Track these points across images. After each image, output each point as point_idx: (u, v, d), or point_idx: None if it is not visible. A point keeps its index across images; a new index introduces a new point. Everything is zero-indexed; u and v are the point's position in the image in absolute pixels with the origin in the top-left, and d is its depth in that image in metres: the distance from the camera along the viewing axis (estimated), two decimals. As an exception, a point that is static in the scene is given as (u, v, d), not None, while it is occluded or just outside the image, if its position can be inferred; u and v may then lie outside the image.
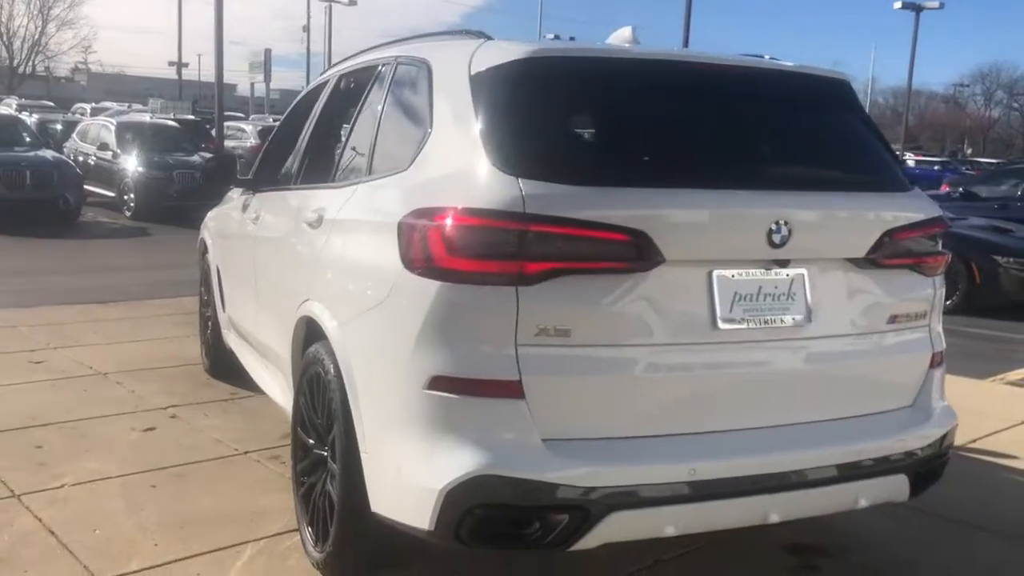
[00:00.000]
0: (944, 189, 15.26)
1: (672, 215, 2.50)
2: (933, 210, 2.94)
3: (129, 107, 30.42)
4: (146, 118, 19.73)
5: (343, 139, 3.65)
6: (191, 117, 22.56)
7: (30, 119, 20.60)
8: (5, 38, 62.01)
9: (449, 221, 2.41)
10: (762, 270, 2.61)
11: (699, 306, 2.54)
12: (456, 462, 2.35)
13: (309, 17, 49.52)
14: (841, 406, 2.79)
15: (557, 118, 2.66)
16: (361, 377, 2.69)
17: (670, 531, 2.48)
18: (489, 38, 2.89)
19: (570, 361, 2.41)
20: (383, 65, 3.43)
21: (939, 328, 3.03)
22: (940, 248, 2.98)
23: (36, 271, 9.85)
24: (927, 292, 2.94)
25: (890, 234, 2.78)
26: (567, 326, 2.39)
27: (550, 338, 2.38)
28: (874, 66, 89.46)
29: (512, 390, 2.36)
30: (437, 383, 2.40)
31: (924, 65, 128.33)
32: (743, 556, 3.34)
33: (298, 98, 4.78)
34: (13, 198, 13.20)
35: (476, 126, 2.55)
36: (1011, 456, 4.62)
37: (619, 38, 3.32)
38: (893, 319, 2.85)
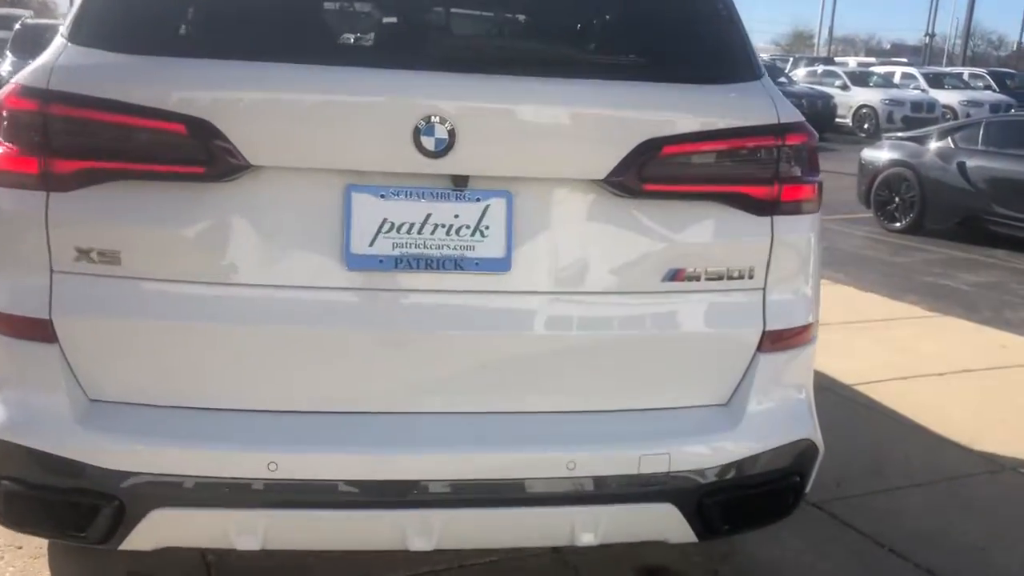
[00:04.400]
0: None
1: (255, 99, 1.77)
2: (766, 111, 1.93)
3: None
4: None
5: None
6: None
7: None
8: None
9: None
10: (432, 191, 1.81)
11: (319, 234, 1.80)
12: None
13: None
14: (573, 395, 1.92)
15: None
16: None
17: (249, 543, 1.80)
18: None
19: (119, 298, 1.79)
20: None
21: (790, 295, 2.03)
22: (793, 172, 1.97)
23: None
24: (751, 239, 1.96)
25: (657, 146, 1.84)
26: (116, 248, 1.77)
27: (94, 265, 1.77)
28: None
29: (42, 332, 1.79)
30: None
31: None
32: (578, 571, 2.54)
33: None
34: None
35: None
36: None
37: None
38: (675, 275, 1.91)
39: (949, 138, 9.03)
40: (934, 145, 8.99)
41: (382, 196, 1.81)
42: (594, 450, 1.87)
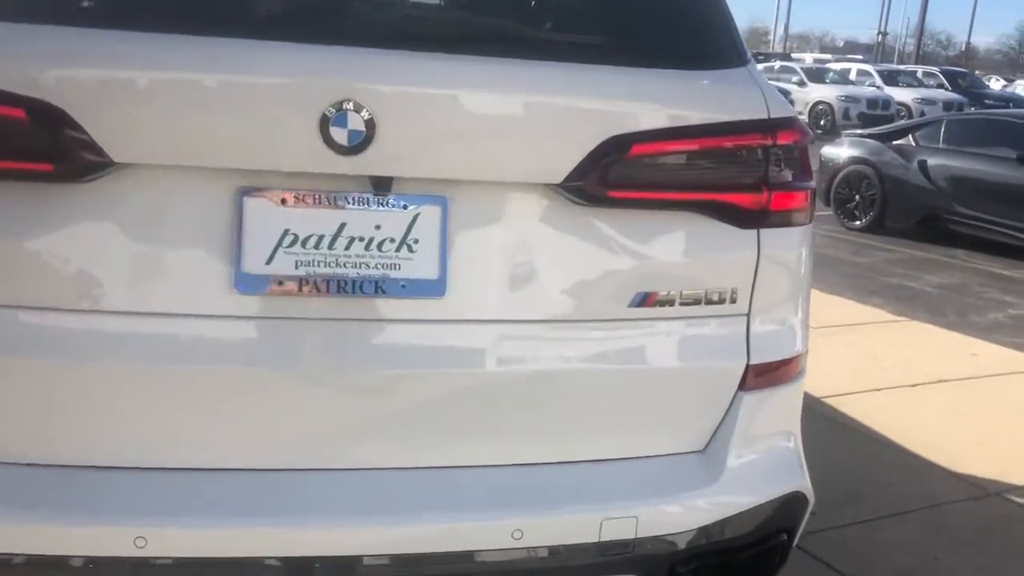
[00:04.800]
0: None
1: (119, 78, 1.39)
2: (754, 104, 1.61)
3: None
4: None
5: None
6: None
7: None
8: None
9: None
10: (346, 195, 1.46)
11: (202, 250, 1.43)
12: None
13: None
14: (520, 445, 1.58)
15: None
16: None
17: None
18: None
19: None
20: None
21: (778, 322, 1.71)
22: (784, 177, 1.65)
23: None
24: (734, 255, 1.64)
25: (625, 144, 1.51)
26: None
27: None
28: None
29: None
30: None
31: None
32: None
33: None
34: None
35: None
36: None
37: None
38: (645, 299, 1.58)
39: (910, 136, 8.87)
40: (895, 143, 8.82)
41: (283, 202, 1.45)
42: (546, 514, 1.53)
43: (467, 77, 1.46)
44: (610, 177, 1.51)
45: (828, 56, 38.32)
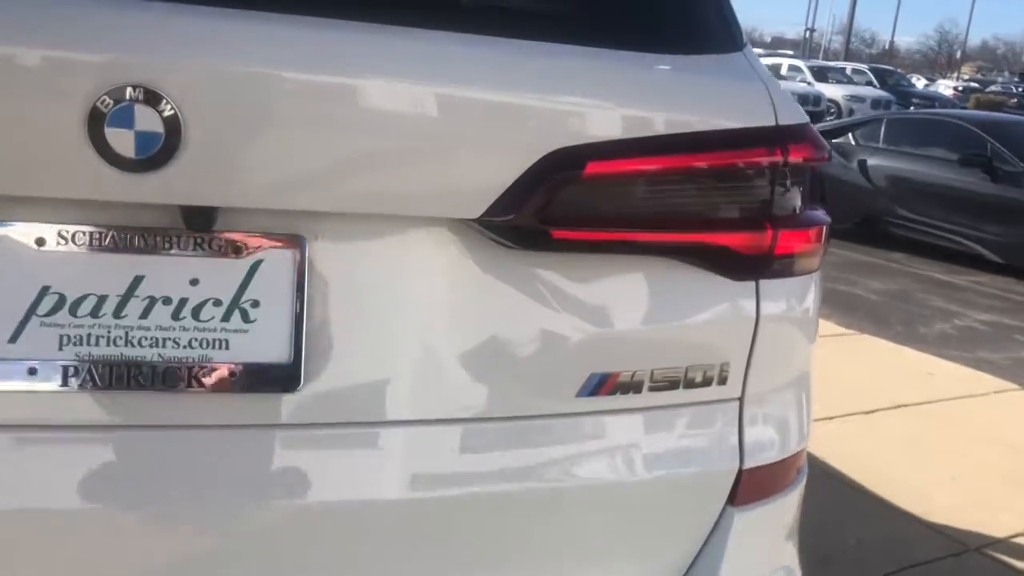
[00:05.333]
0: None
1: None
2: (758, 105, 1.13)
3: None
4: None
5: None
6: None
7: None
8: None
9: None
10: (142, 234, 0.93)
11: None
12: None
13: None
14: None
15: None
16: None
17: None
18: None
19: None
20: None
21: (780, 405, 1.25)
22: (793, 206, 1.17)
23: None
24: (726, 317, 1.16)
25: (575, 160, 1.01)
26: None
27: None
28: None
29: None
30: None
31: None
32: None
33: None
34: None
35: None
36: None
37: None
38: (601, 384, 1.09)
39: (850, 134, 8.63)
40: (834, 141, 8.55)
41: (39, 243, 0.91)
42: None
43: (334, 52, 0.94)
44: (553, 209, 1.01)
45: (759, 51, 38.57)
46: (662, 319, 1.12)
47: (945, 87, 36.69)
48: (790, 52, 40.35)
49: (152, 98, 0.86)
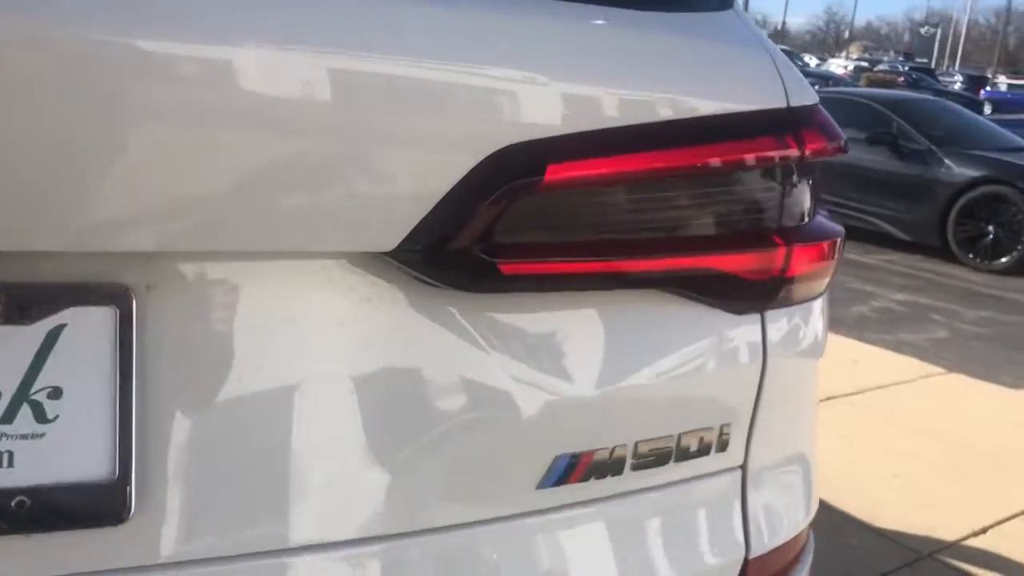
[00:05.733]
0: None
1: None
2: (764, 80, 0.84)
3: None
4: None
5: None
6: None
7: None
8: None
9: None
10: None
11: None
12: None
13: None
14: None
15: None
16: None
17: None
18: None
19: None
20: None
21: (792, 472, 0.98)
22: (807, 214, 0.90)
23: None
24: (726, 365, 0.88)
25: (531, 162, 0.71)
26: None
27: None
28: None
29: None
30: None
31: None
32: None
33: None
34: None
35: None
36: None
37: None
38: (569, 470, 0.80)
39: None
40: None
41: None
42: None
43: (174, 11, 0.61)
44: (502, 232, 0.71)
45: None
46: (648, 373, 0.82)
47: (836, 66, 37.76)
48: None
49: None
